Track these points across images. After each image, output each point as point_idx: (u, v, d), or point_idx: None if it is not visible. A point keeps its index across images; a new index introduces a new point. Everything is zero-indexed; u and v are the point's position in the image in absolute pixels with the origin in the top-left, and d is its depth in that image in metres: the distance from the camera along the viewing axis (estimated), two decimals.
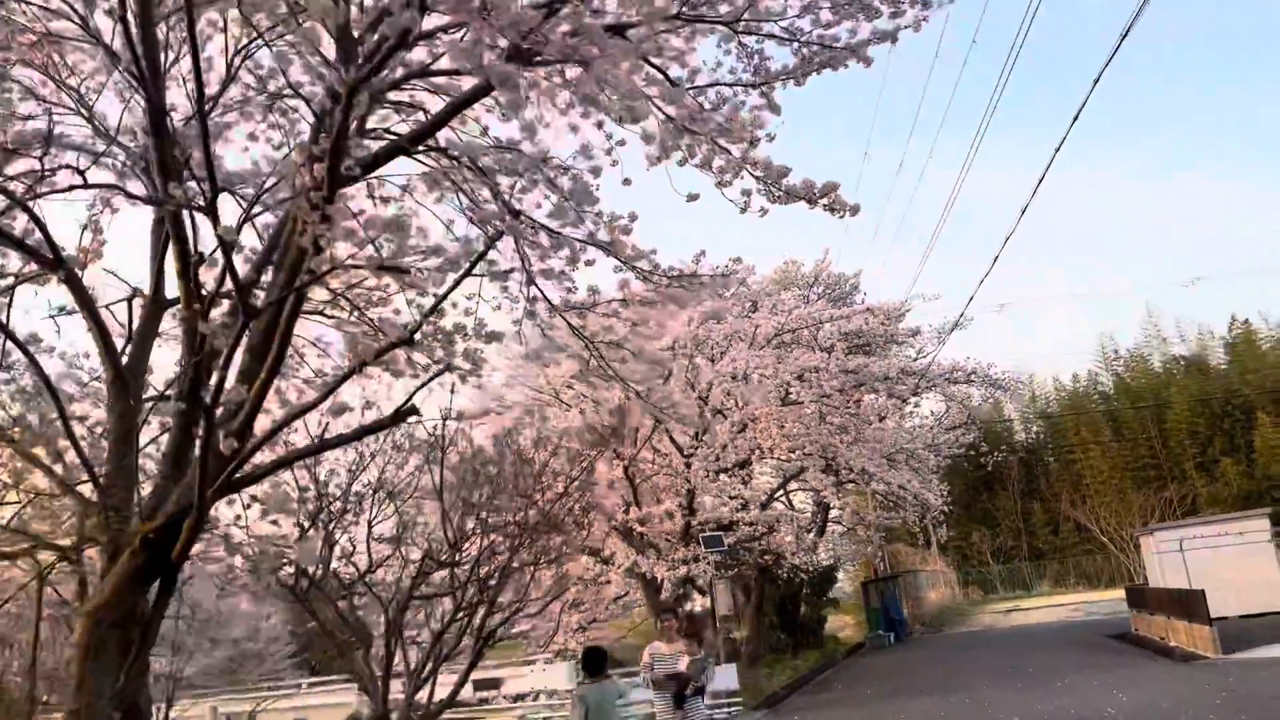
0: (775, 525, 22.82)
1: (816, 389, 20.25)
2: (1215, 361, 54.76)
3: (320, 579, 8.70)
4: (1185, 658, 18.92)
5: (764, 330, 20.93)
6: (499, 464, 10.33)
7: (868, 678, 22.42)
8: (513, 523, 9.72)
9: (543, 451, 10.91)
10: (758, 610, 25.74)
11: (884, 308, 24.90)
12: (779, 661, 25.70)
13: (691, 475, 19.64)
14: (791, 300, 22.91)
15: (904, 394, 24.05)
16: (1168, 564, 22.77)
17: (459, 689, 9.18)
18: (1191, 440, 49.99)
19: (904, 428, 27.39)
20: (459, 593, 8.97)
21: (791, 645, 28.76)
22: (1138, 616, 23.69)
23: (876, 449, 22.92)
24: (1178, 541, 22.65)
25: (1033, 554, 52.84)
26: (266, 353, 6.49)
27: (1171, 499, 44.92)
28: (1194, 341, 56.09)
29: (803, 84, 7.68)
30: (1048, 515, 52.74)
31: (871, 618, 34.32)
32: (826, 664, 26.76)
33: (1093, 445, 52.06)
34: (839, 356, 20.60)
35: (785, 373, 19.79)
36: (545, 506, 10.14)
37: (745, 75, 7.63)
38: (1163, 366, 55.88)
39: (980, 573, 52.63)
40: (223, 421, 6.76)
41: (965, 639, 30.98)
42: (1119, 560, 45.09)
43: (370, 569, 9.50)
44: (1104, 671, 18.51)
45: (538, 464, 10.59)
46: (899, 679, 21.21)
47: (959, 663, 23.07)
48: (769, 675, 23.25)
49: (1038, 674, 18.78)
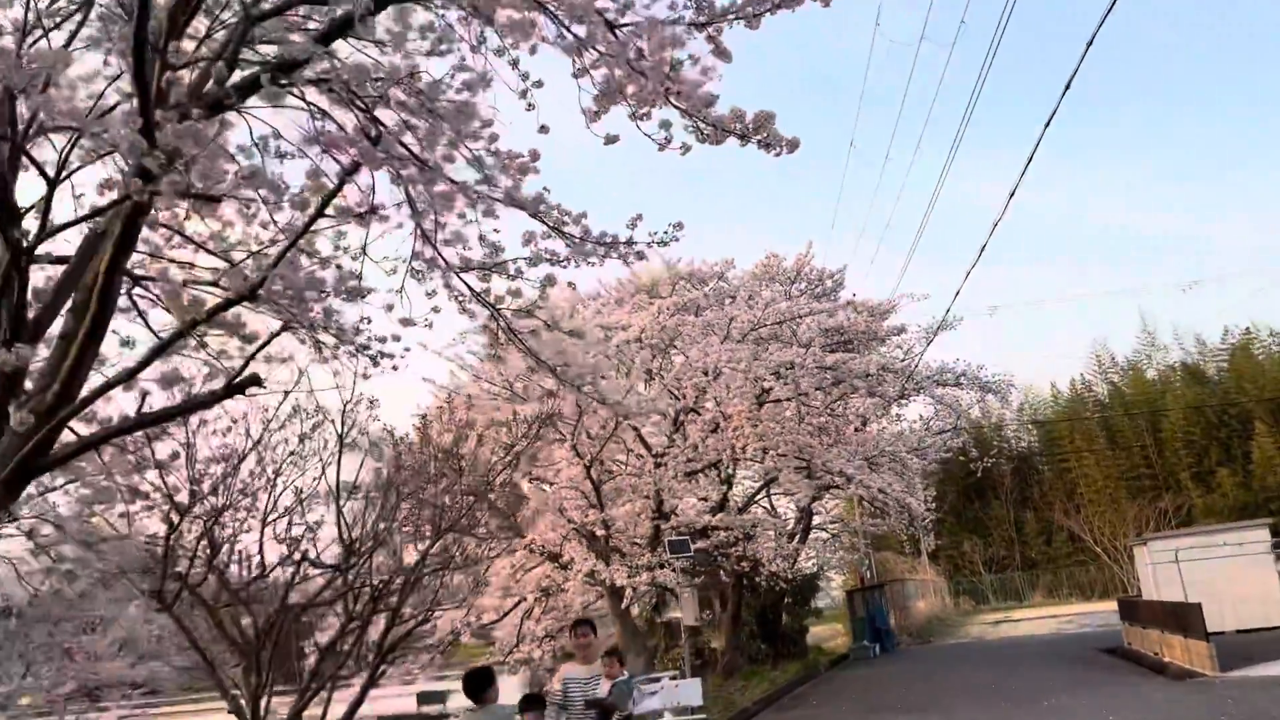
0: (752, 531, 21.71)
1: (793, 386, 19.16)
2: (1212, 370, 53.84)
3: (199, 583, 7.59)
4: (1180, 675, 17.79)
5: (739, 324, 19.82)
6: (419, 456, 9.26)
7: (846, 693, 21.29)
8: (424, 522, 8.63)
9: (468, 443, 9.78)
10: (734, 620, 24.61)
11: (868, 304, 23.83)
12: (756, 673, 24.55)
13: (661, 476, 18.52)
14: (769, 294, 21.86)
15: (887, 394, 22.95)
16: (1162, 575, 21.77)
17: (354, 710, 8.03)
18: (1187, 450, 49.08)
19: (887, 432, 26.31)
20: (350, 601, 7.85)
21: (772, 656, 27.60)
22: (1130, 630, 22.62)
23: (859, 451, 21.83)
24: (1173, 552, 21.67)
25: (1025, 564, 51.96)
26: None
27: (1166, 509, 44.18)
28: (1190, 349, 55.23)
29: (756, 25, 6.57)
30: (1041, 524, 51.81)
31: (857, 628, 33.23)
32: (807, 676, 25.61)
33: (1087, 453, 51.12)
34: (816, 352, 19.52)
35: (760, 368, 18.69)
36: (464, 503, 9.02)
37: (688, 13, 6.52)
38: (1159, 374, 54.95)
39: (972, 582, 51.80)
40: (34, 395, 5.64)
41: (952, 651, 29.86)
42: (1112, 571, 44.29)
43: (263, 573, 8.36)
44: (1094, 690, 17.40)
45: (464, 456, 9.48)
46: (878, 695, 20.09)
47: (942, 678, 21.95)
48: (743, 688, 22.12)
49: (1023, 692, 17.66)
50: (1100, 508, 46.22)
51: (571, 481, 17.96)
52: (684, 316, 19.88)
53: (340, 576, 7.94)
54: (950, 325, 26.53)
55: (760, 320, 20.03)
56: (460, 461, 9.23)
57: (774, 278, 23.93)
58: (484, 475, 9.37)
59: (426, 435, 9.54)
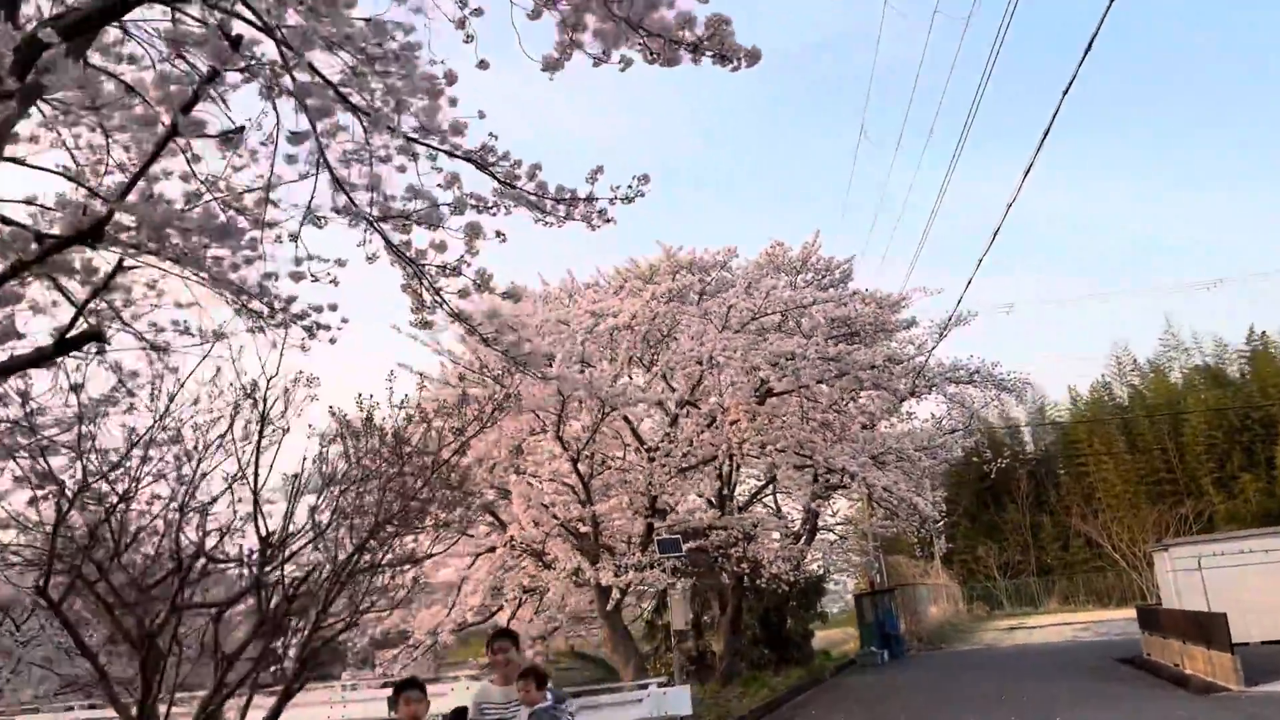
0: (753, 531, 20.71)
1: (793, 378, 18.15)
2: (1234, 372, 52.49)
3: (96, 580, 6.69)
4: (1203, 689, 16.74)
5: (739, 312, 18.81)
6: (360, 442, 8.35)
7: (847, 702, 20.28)
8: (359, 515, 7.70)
9: (415, 428, 8.84)
10: (734, 623, 23.60)
11: (878, 295, 22.78)
12: (757, 680, 23.52)
13: (654, 471, 17.55)
14: (771, 283, 20.87)
15: (897, 389, 21.90)
16: (1184, 583, 20.74)
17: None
18: (1209, 454, 47.78)
19: (897, 429, 25.26)
20: (263, 603, 6.90)
21: (775, 661, 26.58)
22: (1150, 639, 21.57)
23: (865, 448, 20.79)
24: (1196, 559, 20.65)
25: (1041, 569, 50.83)
26: None
27: (1187, 515, 43.07)
28: (1209, 351, 53.89)
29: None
30: (1057, 529, 50.63)
31: (865, 633, 32.25)
32: (810, 683, 24.60)
33: (1105, 457, 49.89)
34: (819, 341, 18.51)
35: (757, 357, 17.68)
36: (408, 493, 8.09)
37: None
38: (1181, 377, 53.62)
39: (986, 588, 50.71)
40: None
41: (963, 659, 28.78)
42: (1130, 578, 43.21)
43: (178, 568, 7.41)
44: (1110, 704, 16.35)
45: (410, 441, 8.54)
46: (880, 705, 19.08)
47: (950, 687, 20.91)
48: (741, 695, 21.11)
49: (1034, 704, 16.63)
50: (1119, 513, 45.03)
51: (555, 474, 17.01)
52: (681, 305, 18.90)
53: (254, 574, 7.00)
54: (964, 320, 25.51)
55: (761, 309, 19.03)
56: (405, 448, 8.31)
57: (779, 267, 22.91)
58: (431, 464, 8.44)
59: (370, 419, 8.62)
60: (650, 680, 15.88)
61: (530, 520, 15.53)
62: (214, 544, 7.35)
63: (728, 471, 21.87)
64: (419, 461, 8.36)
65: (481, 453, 16.24)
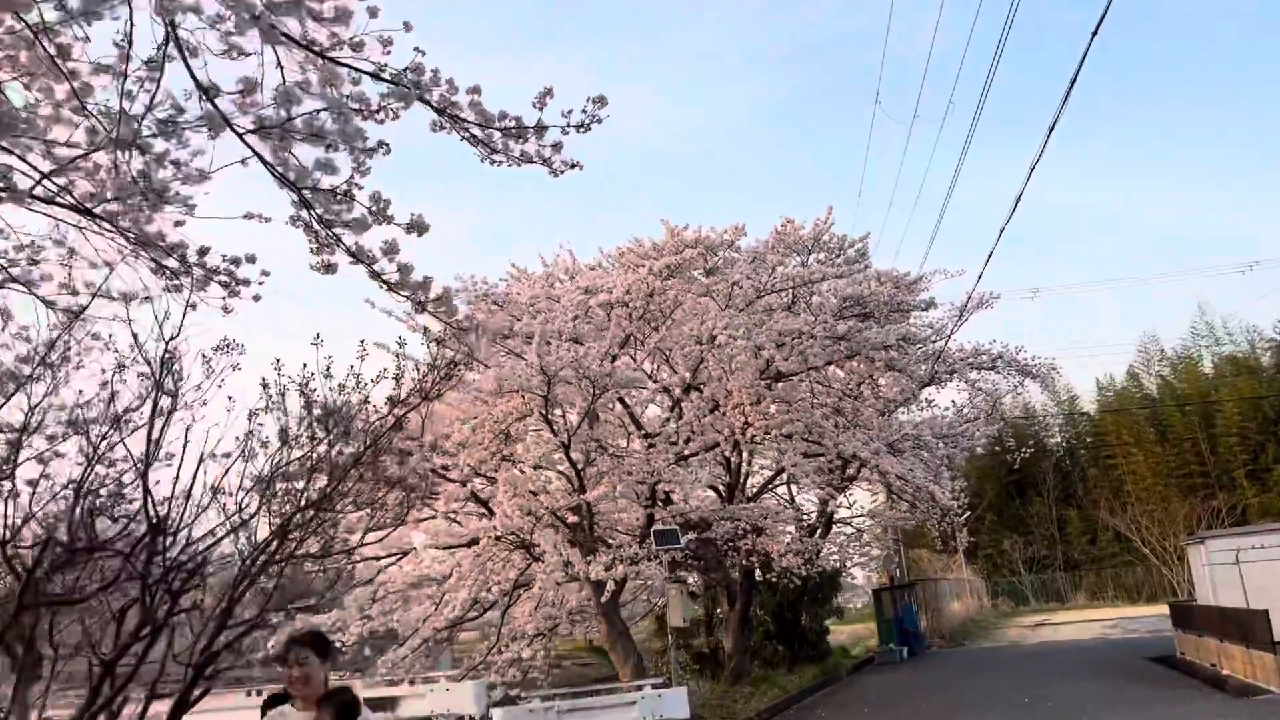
0: (762, 523, 19.60)
1: (799, 359, 17.04)
2: (1268, 361, 50.84)
3: None
4: (1241, 691, 15.60)
5: (744, 289, 17.70)
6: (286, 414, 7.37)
7: (860, 703, 19.19)
8: (284, 498, 6.73)
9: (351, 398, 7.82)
10: (742, 619, 22.52)
11: (894, 274, 21.59)
12: (769, 678, 22.41)
13: (653, 458, 16.49)
14: (776, 259, 19.76)
15: (914, 373, 20.72)
16: (1220, 578, 19.49)
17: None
18: (1242, 446, 46.23)
19: (913, 419, 24.09)
20: (147, 597, 5.92)
21: (789, 659, 25.47)
22: (1183, 638, 20.40)
23: (879, 435, 19.64)
24: (1233, 552, 19.35)
25: (1068, 564, 49.50)
26: None
27: (1219, 508, 41.72)
28: (1240, 340, 52.22)
29: None
30: (1085, 523, 49.20)
31: (884, 630, 31.18)
32: (824, 682, 23.52)
33: (1134, 449, 48.36)
34: (827, 319, 17.38)
35: (761, 336, 16.58)
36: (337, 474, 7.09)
37: None
38: (1213, 366, 52.01)
39: (1011, 583, 49.42)
40: None
41: (984, 657, 27.60)
42: (1161, 573, 41.90)
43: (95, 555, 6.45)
44: (1142, 707, 15.20)
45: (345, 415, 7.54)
46: (896, 708, 17.99)
47: (970, 688, 19.77)
48: (750, 695, 20.02)
49: (1061, 708, 15.50)
50: (1149, 506, 43.59)
51: (544, 459, 15.97)
52: (682, 283, 17.80)
53: (134, 562, 6.01)
54: (987, 302, 24.36)
55: (767, 286, 17.91)
56: (339, 422, 7.32)
57: (790, 246, 21.74)
58: (370, 440, 7.45)
59: (305, 390, 7.65)
60: (645, 681, 14.83)
61: (516, 509, 14.51)
62: (112, 531, 6.36)
63: (735, 461, 20.78)
64: (351, 439, 7.37)
65: (466, 437, 15.25)
